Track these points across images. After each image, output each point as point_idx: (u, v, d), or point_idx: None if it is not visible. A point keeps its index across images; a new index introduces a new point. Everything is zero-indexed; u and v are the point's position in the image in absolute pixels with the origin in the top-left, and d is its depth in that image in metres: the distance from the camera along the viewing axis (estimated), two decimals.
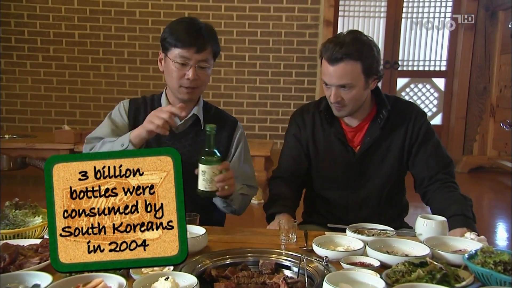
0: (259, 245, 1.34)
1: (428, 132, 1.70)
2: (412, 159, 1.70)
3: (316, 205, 1.80)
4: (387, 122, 1.68)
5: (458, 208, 1.54)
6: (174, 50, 1.56)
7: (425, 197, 1.70)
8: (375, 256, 1.17)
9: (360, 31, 1.63)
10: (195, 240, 1.27)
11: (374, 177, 1.70)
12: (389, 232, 1.39)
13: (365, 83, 1.60)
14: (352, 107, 1.63)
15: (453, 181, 1.67)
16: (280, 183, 1.73)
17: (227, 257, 1.23)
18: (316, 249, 1.24)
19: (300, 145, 1.76)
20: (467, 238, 1.30)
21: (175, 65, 1.56)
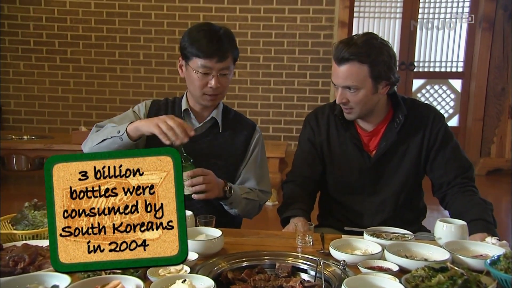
0: (275, 248, 1.34)
1: (447, 135, 1.66)
2: (430, 164, 1.67)
3: (331, 209, 1.78)
4: (404, 126, 1.65)
5: (478, 212, 1.51)
6: (195, 60, 1.57)
7: (444, 201, 1.67)
8: (394, 260, 1.16)
9: (375, 34, 1.60)
10: (211, 242, 1.26)
11: (391, 183, 1.68)
12: (408, 235, 1.37)
13: (373, 88, 1.57)
14: (360, 111, 1.61)
15: (473, 185, 1.64)
16: (294, 187, 1.71)
17: (243, 260, 1.23)
18: (333, 252, 1.22)
19: (314, 149, 1.74)
20: (488, 243, 1.27)
21: (198, 74, 1.57)
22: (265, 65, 5.20)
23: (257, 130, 1.76)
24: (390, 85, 1.60)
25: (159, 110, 1.71)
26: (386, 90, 1.61)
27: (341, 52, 1.54)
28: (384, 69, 1.56)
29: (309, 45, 5.13)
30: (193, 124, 1.69)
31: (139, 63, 5.23)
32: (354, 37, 1.58)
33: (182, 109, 1.70)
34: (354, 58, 1.53)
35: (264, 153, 1.77)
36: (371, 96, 1.59)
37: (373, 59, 1.54)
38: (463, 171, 1.65)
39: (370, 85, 1.56)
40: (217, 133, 1.69)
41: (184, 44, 1.60)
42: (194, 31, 1.60)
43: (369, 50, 1.54)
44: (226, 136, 1.70)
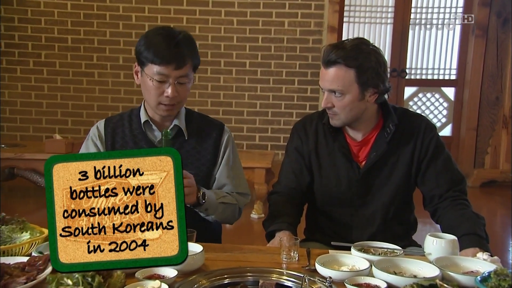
0: (259, 264, 1.34)
1: (438, 147, 1.69)
2: (421, 176, 1.69)
3: (318, 222, 1.79)
4: (395, 136, 1.67)
5: (470, 227, 1.53)
6: (151, 66, 1.54)
7: (435, 215, 1.69)
8: (382, 277, 1.16)
9: (367, 40, 1.63)
10: (191, 259, 1.25)
11: (380, 195, 1.69)
12: (397, 251, 1.38)
13: (359, 94, 1.59)
14: (345, 117, 1.63)
15: (465, 198, 1.66)
16: (280, 199, 1.72)
17: (225, 277, 1.22)
18: (319, 268, 1.23)
19: (302, 158, 1.75)
20: (480, 258, 1.29)
21: (153, 82, 1.54)
22: (251, 71, 5.22)
23: (226, 130, 1.75)
24: (378, 93, 1.63)
25: (115, 128, 1.68)
26: (374, 98, 1.63)
27: (329, 54, 1.57)
28: (371, 76, 1.58)
29: (298, 50, 5.17)
30: (156, 136, 1.67)
31: (119, 67, 5.21)
32: (344, 41, 1.61)
33: (142, 121, 1.67)
34: (341, 62, 1.56)
35: (236, 153, 1.76)
36: (357, 102, 1.61)
37: (361, 63, 1.56)
38: (455, 183, 1.67)
39: (356, 90, 1.58)
40: (183, 141, 1.67)
41: (139, 48, 1.57)
42: (151, 35, 1.58)
43: (357, 54, 1.56)
44: (193, 143, 1.68)
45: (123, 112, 1.76)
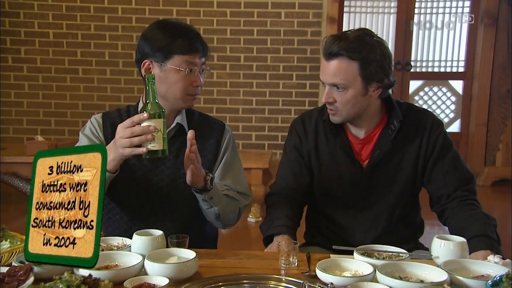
0: (256, 270, 1.34)
1: (446, 144, 1.70)
2: (427, 175, 1.70)
3: (319, 225, 1.79)
4: (399, 133, 1.68)
5: (480, 228, 1.53)
6: (178, 57, 1.60)
7: (443, 216, 1.70)
8: (386, 282, 1.17)
9: (370, 31, 1.63)
10: (184, 266, 1.26)
11: (385, 195, 1.70)
12: (402, 254, 1.38)
13: (363, 89, 1.60)
14: (346, 113, 1.64)
15: (474, 198, 1.67)
16: (279, 200, 1.73)
17: (220, 285, 1.23)
18: (320, 274, 1.23)
19: (301, 158, 1.76)
20: (491, 261, 1.30)
21: (180, 73, 1.60)
22: (246, 66, 5.23)
23: (227, 130, 1.78)
24: (382, 87, 1.63)
25: (115, 124, 1.68)
26: (378, 93, 1.64)
27: (331, 46, 1.58)
28: (376, 69, 1.58)
29: (295, 43, 5.18)
30: None
31: (104, 63, 5.21)
32: (347, 32, 1.62)
33: None
34: (343, 54, 1.56)
35: (236, 153, 1.79)
36: (360, 97, 1.61)
37: (365, 56, 1.56)
38: (464, 183, 1.68)
39: (359, 85, 1.59)
40: (184, 140, 1.68)
41: (161, 42, 1.59)
42: (168, 27, 1.63)
43: (361, 46, 1.56)
44: None
45: (119, 107, 1.78)
